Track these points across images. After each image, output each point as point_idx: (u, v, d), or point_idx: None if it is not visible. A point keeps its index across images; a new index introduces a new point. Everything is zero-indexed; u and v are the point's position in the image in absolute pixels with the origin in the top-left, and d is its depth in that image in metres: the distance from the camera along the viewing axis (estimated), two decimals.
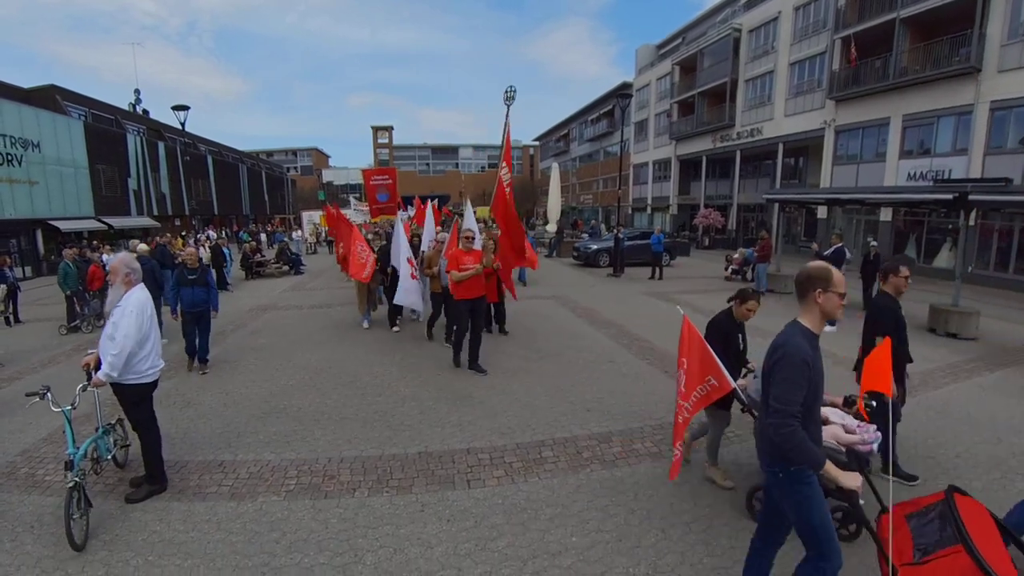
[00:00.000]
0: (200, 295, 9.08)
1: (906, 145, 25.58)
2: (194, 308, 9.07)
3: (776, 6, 33.75)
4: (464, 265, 8.81)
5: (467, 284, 8.79)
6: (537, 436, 6.52)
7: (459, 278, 8.73)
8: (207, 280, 9.27)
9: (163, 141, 41.06)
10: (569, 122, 76.26)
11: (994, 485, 5.40)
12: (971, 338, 11.54)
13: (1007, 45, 21.18)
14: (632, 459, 5.94)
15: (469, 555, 4.27)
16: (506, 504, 5.02)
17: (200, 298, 9.10)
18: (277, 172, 74.26)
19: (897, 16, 24.89)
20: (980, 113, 22.13)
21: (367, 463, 5.84)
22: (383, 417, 7.13)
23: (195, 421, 7.05)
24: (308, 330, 12.33)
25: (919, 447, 6.25)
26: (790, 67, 32.86)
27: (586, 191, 69.12)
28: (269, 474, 5.60)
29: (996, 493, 5.23)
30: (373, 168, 27.62)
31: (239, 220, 54.08)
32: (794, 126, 32.46)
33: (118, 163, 34.60)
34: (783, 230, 29.67)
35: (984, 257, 22.11)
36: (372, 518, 4.78)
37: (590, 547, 4.37)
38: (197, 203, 45.61)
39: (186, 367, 9.37)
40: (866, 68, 26.86)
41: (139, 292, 5.04)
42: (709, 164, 42.45)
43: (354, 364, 9.56)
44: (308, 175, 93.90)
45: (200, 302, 9.13)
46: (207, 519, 4.78)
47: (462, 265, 8.83)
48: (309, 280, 21.75)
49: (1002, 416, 7.25)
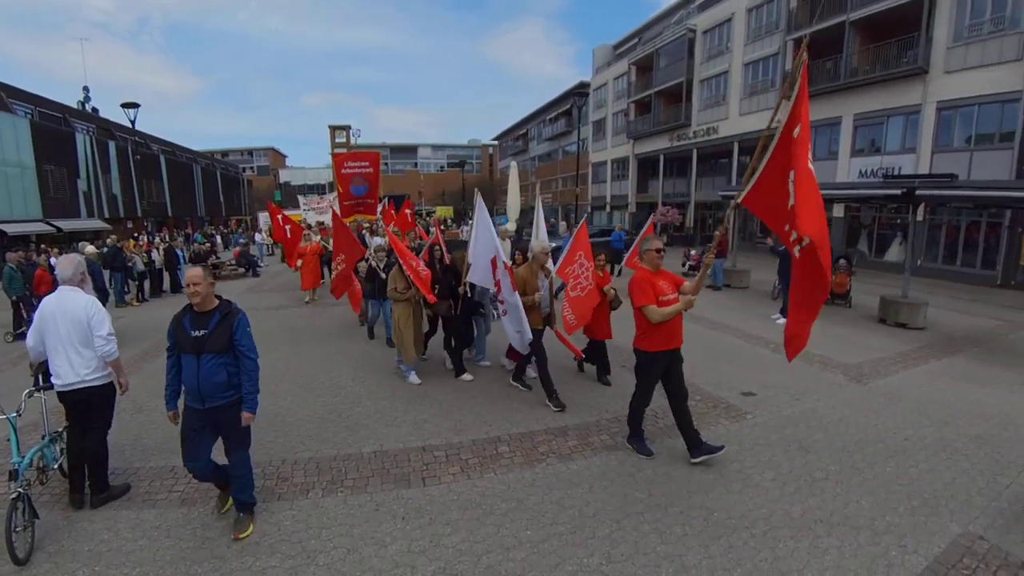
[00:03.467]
0: None
1: (857, 143, 26.30)
2: None
3: (730, 7, 34.37)
4: (665, 296, 5.43)
5: (667, 327, 5.47)
6: (493, 432, 6.53)
7: (662, 317, 5.32)
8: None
9: (114, 140, 39.94)
10: (528, 121, 76.38)
11: (940, 466, 5.62)
12: (920, 328, 11.95)
13: (952, 48, 21.97)
14: (588, 452, 6.00)
15: (423, 552, 4.26)
16: (461, 500, 5.01)
17: None
18: (233, 172, 72.91)
19: (847, 18, 25.58)
20: (928, 113, 22.91)
21: (321, 464, 5.78)
22: (339, 418, 7.06)
23: (146, 427, 6.87)
24: (263, 332, 12.00)
25: (869, 431, 6.47)
26: (744, 67, 33.50)
27: (546, 190, 69.40)
28: None
29: (942, 473, 5.46)
30: (345, 152, 21.82)
31: (194, 222, 52.91)
32: (749, 125, 33.03)
33: (67, 163, 33.57)
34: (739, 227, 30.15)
35: (932, 251, 22.90)
36: (325, 519, 4.73)
37: (544, 540, 4.40)
38: (150, 204, 44.48)
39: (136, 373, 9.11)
40: (818, 69, 27.48)
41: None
42: (666, 163, 42.95)
43: (310, 366, 9.44)
44: (265, 175, 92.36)
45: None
46: (157, 526, 4.67)
47: (663, 296, 5.43)
48: (266, 282, 21.42)
49: (949, 401, 7.54)
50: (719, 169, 38.36)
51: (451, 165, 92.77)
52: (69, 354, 4.76)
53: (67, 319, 4.77)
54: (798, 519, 4.67)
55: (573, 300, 7.61)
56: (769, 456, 5.85)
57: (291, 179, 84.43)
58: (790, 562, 4.11)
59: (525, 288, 7.31)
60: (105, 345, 4.81)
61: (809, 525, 4.58)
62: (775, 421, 6.77)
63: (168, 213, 48.29)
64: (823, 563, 4.09)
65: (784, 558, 4.15)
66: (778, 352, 9.62)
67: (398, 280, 8.29)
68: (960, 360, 9.71)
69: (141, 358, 10.10)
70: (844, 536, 4.42)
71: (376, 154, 19.20)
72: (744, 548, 4.28)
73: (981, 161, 21.08)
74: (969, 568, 4.04)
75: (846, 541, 4.36)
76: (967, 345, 10.74)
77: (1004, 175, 19.85)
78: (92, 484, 5.02)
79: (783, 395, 7.61)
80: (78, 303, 4.84)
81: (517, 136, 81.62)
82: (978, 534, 4.45)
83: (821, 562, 4.10)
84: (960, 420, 6.82)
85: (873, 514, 4.73)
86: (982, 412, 7.12)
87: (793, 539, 4.38)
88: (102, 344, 4.80)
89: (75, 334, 4.77)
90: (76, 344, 4.77)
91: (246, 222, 61.12)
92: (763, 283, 17.09)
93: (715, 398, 7.57)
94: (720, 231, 6.06)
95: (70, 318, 4.78)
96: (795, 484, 5.21)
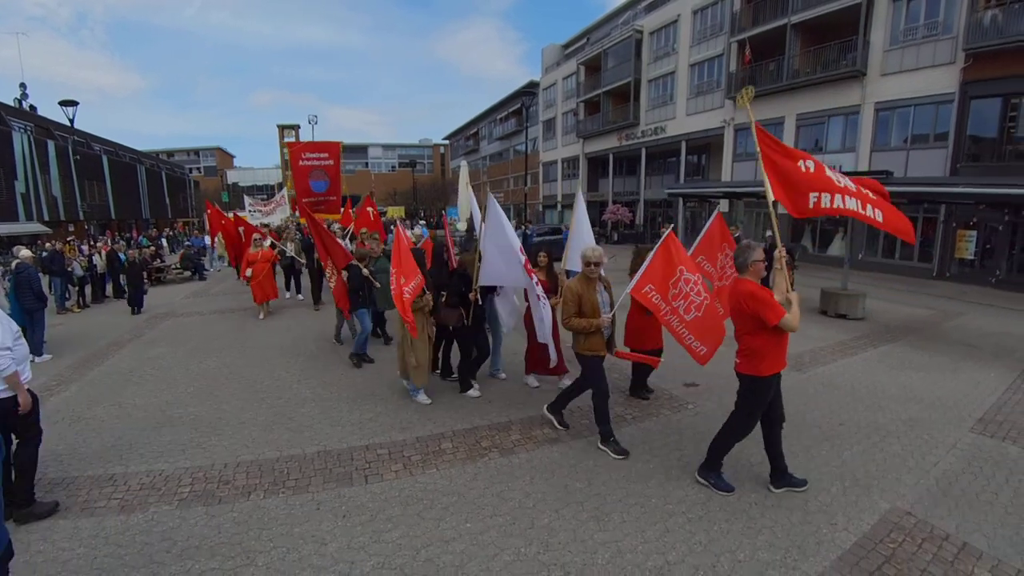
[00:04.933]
0: None
1: (800, 143, 27.01)
2: None
3: (675, 9, 34.98)
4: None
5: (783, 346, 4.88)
6: (437, 429, 6.57)
7: (797, 326, 4.74)
8: None
9: (53, 140, 38.52)
10: (478, 121, 76.36)
11: (873, 448, 5.90)
12: (859, 318, 12.45)
13: (889, 51, 22.92)
14: (530, 445, 6.09)
15: (363, 548, 4.29)
16: (402, 496, 5.04)
17: None
18: (179, 173, 71.08)
19: (788, 22, 26.35)
20: (866, 113, 23.84)
21: (264, 466, 5.73)
22: (283, 420, 6.99)
23: (84, 435, 6.69)
24: (208, 336, 11.88)
25: (806, 417, 6.74)
26: (690, 68, 34.14)
27: (497, 189, 69.48)
28: (162, 484, 5.41)
29: (874, 455, 5.73)
30: (301, 142, 19.24)
31: (139, 224, 51.39)
32: (696, 124, 33.78)
33: (3, 164, 32.34)
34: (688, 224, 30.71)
35: (873, 246, 23.76)
36: (266, 519, 4.71)
37: (483, 531, 4.47)
38: (92, 207, 43.01)
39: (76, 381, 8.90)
40: (761, 70, 28.23)
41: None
42: (616, 162, 43.55)
43: (254, 369, 9.31)
44: (212, 176, 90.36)
45: None
46: (95, 535, 4.58)
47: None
48: (213, 285, 20.99)
49: (883, 387, 7.89)
50: (668, 168, 39.10)
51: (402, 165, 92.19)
52: None
53: None
54: (734, 502, 4.84)
55: (694, 324, 5.86)
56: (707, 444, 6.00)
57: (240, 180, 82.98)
58: (723, 543, 4.27)
59: (581, 306, 5.73)
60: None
61: (744, 508, 4.75)
62: (716, 410, 6.91)
63: (111, 215, 46.86)
64: (756, 543, 4.26)
65: (718, 539, 4.31)
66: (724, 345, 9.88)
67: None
68: (896, 348, 10.13)
69: (82, 365, 9.82)
70: (777, 517, 4.60)
71: (337, 144, 17.49)
72: (679, 531, 4.42)
73: (917, 160, 22.01)
74: (896, 542, 4.26)
75: (779, 521, 4.54)
76: (903, 334, 11.20)
77: (939, 173, 20.75)
78: (17, 498, 4.83)
79: (725, 385, 7.80)
80: None
81: (468, 136, 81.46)
82: (906, 510, 4.68)
83: (754, 542, 4.27)
84: (893, 404, 7.15)
85: (806, 496, 4.93)
86: (915, 396, 7.48)
87: (727, 521, 4.55)
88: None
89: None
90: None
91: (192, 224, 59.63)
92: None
93: (658, 389, 7.74)
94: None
95: None
96: (731, 470, 5.35)
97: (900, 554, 4.12)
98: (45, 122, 40.32)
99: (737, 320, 4.89)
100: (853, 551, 4.16)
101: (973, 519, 4.56)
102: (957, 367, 8.91)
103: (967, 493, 4.98)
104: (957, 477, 5.28)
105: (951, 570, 3.95)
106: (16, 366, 4.59)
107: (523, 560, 4.11)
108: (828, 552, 4.15)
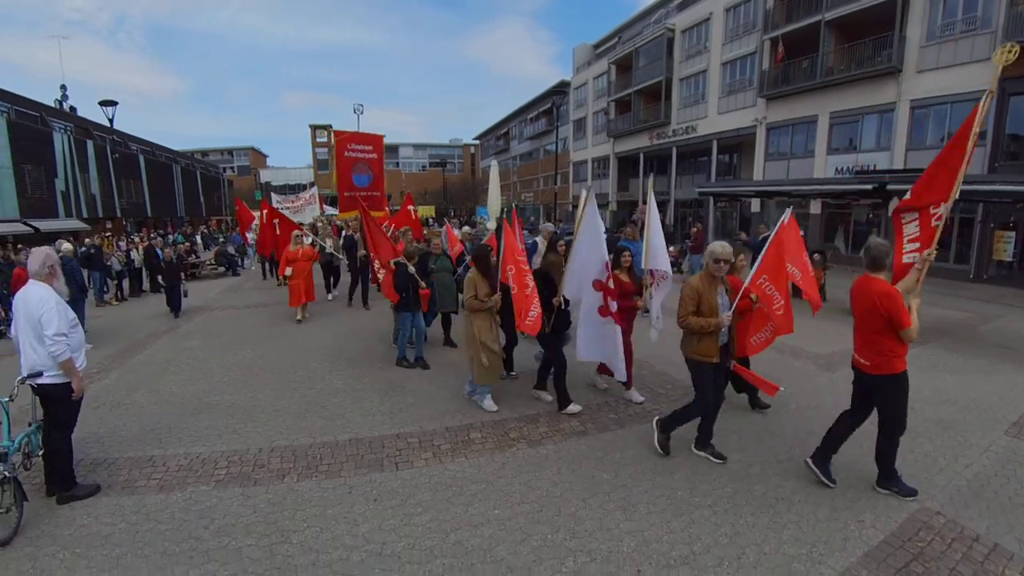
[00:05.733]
0: None
1: (833, 142, 26.68)
2: None
3: (708, 7, 34.64)
4: None
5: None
6: (467, 420, 6.67)
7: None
8: None
9: (92, 140, 39.37)
10: (509, 120, 76.41)
11: (903, 448, 5.74)
12: None
13: (925, 47, 22.41)
14: (558, 437, 6.17)
15: (394, 530, 4.40)
16: (432, 483, 5.15)
17: None
18: (213, 172, 72.14)
19: (822, 18, 25.95)
20: (901, 111, 23.35)
21: (297, 451, 5.89)
22: (316, 409, 7.16)
23: (124, 419, 6.93)
24: (242, 329, 12.16)
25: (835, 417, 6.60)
26: (722, 66, 33.79)
27: (527, 189, 69.53)
28: (199, 466, 5.59)
29: (904, 455, 5.60)
30: (346, 133, 16.48)
31: (173, 222, 52.37)
32: (727, 123, 33.43)
33: (44, 163, 33.08)
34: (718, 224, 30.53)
35: None
36: (300, 501, 4.85)
37: (511, 518, 4.55)
38: (129, 204, 43.97)
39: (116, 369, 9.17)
40: (794, 68, 27.89)
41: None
42: (646, 161, 43.19)
43: (288, 360, 9.50)
44: (245, 175, 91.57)
45: None
46: (135, 511, 4.75)
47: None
48: (246, 281, 21.38)
49: (916, 388, 7.68)
50: (698, 167, 38.67)
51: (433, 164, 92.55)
52: (26, 348, 4.73)
53: (25, 313, 4.72)
54: (760, 497, 4.85)
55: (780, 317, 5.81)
56: (737, 440, 6.02)
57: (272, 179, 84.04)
58: (749, 535, 4.28)
59: (700, 306, 5.29)
60: (51, 345, 4.60)
61: (770, 503, 4.75)
62: (745, 407, 6.94)
63: (147, 213, 47.78)
64: (782, 537, 4.26)
65: (743, 532, 4.33)
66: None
67: (479, 285, 6.80)
68: (929, 350, 9.91)
69: (121, 354, 10.12)
70: (804, 512, 4.60)
71: (380, 138, 16.51)
72: (705, 524, 4.45)
73: None
74: (924, 540, 4.22)
75: (805, 517, 4.53)
76: (937, 336, 10.97)
77: (977, 171, 20.15)
78: (55, 480, 4.98)
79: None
80: (34, 297, 4.70)
81: (499, 135, 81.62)
82: (935, 510, 4.63)
83: (780, 536, 4.28)
84: (925, 406, 7.00)
85: (834, 493, 4.91)
86: (948, 398, 7.34)
87: (753, 515, 4.56)
88: (48, 344, 4.60)
89: (30, 329, 4.69)
90: (32, 339, 4.71)
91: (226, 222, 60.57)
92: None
93: (687, 386, 7.71)
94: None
95: (26, 312, 4.70)
96: (760, 466, 5.38)
97: (929, 552, 4.08)
98: (84, 122, 41.22)
99: (866, 319, 4.81)
100: (880, 548, 4.14)
101: (1005, 521, 4.49)
102: (993, 370, 8.71)
103: (1000, 495, 4.90)
104: (989, 479, 5.19)
105: (980, 570, 3.91)
106: (71, 352, 4.74)
107: (550, 545, 4.18)
108: (855, 548, 4.13)
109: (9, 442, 4.55)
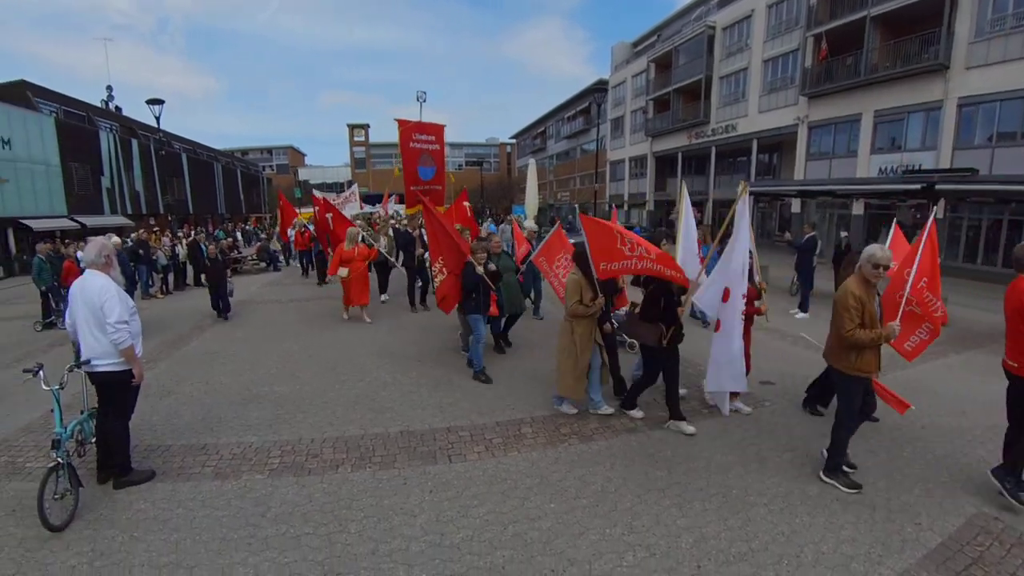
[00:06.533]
0: None
1: (877, 141, 26.13)
2: None
3: (749, 4, 34.22)
4: None
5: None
6: (517, 415, 6.68)
7: None
8: None
9: (136, 139, 40.40)
10: (546, 120, 76.23)
11: (956, 452, 5.69)
12: None
13: (974, 43, 21.76)
14: (609, 434, 6.14)
15: (452, 521, 4.42)
16: (487, 476, 5.17)
17: None
18: (253, 171, 73.40)
19: (867, 14, 25.41)
20: (948, 109, 22.72)
21: (349, 442, 5.95)
22: (364, 401, 7.23)
23: (176, 408, 7.07)
24: (287, 323, 12.34)
25: (886, 419, 6.49)
26: (763, 64, 33.34)
27: (563, 188, 69.34)
28: (252, 455, 5.68)
29: (959, 458, 5.54)
30: (411, 122, 15.07)
31: (215, 220, 53.39)
32: (768, 122, 32.96)
33: (91, 161, 34.03)
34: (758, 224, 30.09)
35: (953, 249, 22.64)
36: (355, 491, 4.90)
37: (568, 512, 4.54)
38: (172, 202, 44.93)
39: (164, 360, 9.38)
40: (837, 65, 27.36)
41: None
42: (685, 160, 42.81)
43: (333, 353, 9.61)
44: (284, 173, 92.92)
45: None
46: (191, 497, 4.84)
47: None
48: (286, 276, 21.68)
49: (967, 392, 7.57)
50: (738, 167, 38.26)
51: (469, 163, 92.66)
52: (87, 336, 4.80)
53: (84, 302, 4.78)
54: (815, 497, 4.78)
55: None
56: (787, 440, 5.94)
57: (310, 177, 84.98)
58: (807, 535, 4.22)
59: (864, 315, 4.78)
60: (113, 333, 4.68)
61: (826, 503, 4.68)
62: (793, 409, 6.85)
63: (190, 210, 48.78)
64: (839, 537, 4.20)
65: (800, 531, 4.27)
66: (796, 345, 9.68)
67: (584, 290, 6.25)
68: (979, 355, 9.68)
69: (168, 346, 10.34)
70: (860, 513, 4.52)
71: (441, 127, 15.57)
72: (762, 522, 4.39)
73: (1003, 157, 20.82)
74: (983, 545, 4.12)
75: (862, 518, 4.45)
76: (987, 341, 10.67)
77: None
78: (112, 465, 5.07)
79: (801, 385, 7.62)
80: (94, 286, 4.77)
81: (535, 134, 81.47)
82: (993, 515, 4.52)
83: (837, 536, 4.21)
84: (977, 410, 6.85)
85: (889, 495, 4.82)
86: (1000, 404, 7.10)
87: (809, 515, 4.49)
88: (111, 331, 4.68)
89: (91, 317, 4.76)
90: (92, 327, 4.77)
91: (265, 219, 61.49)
92: (780, 279, 17.04)
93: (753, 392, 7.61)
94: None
95: (86, 301, 4.76)
96: (812, 466, 5.29)
97: (988, 557, 3.99)
98: (129, 122, 42.30)
99: (1014, 320, 4.66)
100: (939, 551, 4.06)
101: None
102: None
103: None
104: None
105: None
106: (132, 340, 4.84)
107: (608, 540, 4.17)
108: (913, 551, 4.06)
109: (61, 429, 4.64)
